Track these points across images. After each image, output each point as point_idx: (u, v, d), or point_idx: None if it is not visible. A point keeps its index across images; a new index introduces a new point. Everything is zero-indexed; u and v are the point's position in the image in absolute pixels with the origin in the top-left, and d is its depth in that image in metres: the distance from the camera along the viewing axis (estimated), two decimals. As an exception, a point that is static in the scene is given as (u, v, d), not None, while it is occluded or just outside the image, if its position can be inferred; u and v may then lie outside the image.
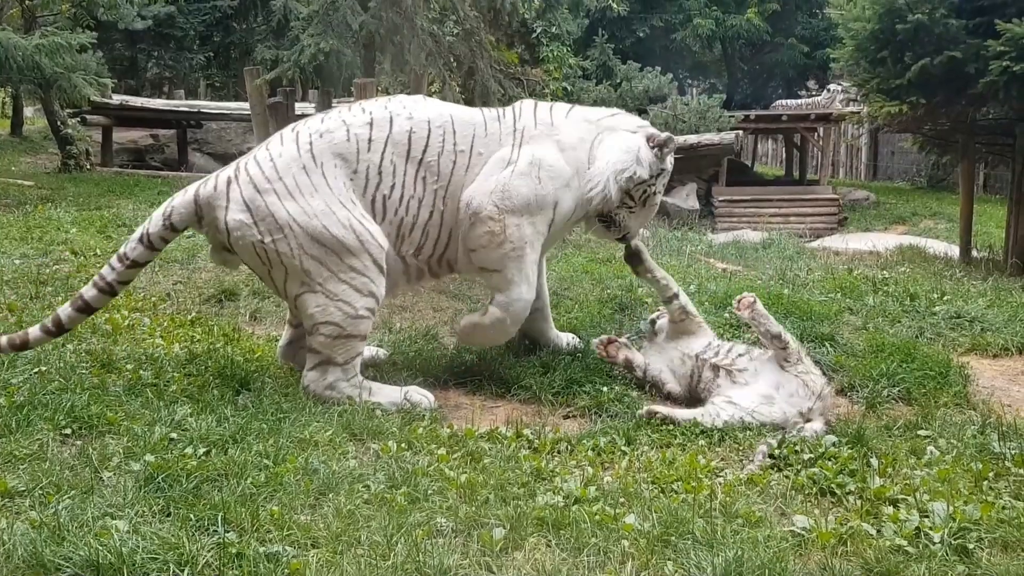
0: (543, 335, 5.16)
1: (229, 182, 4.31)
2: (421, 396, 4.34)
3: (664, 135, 4.75)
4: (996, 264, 9.00)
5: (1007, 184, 10.73)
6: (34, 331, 4.27)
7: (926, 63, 8.33)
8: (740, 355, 4.45)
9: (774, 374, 4.29)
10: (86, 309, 4.32)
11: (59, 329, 4.30)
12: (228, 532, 2.84)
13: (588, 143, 4.65)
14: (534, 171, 4.46)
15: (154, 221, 4.36)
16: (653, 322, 4.98)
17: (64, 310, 4.29)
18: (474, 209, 4.41)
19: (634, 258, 4.84)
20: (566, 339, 5.21)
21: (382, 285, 4.33)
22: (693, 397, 4.52)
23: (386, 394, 4.34)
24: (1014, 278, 8.12)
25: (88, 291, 4.30)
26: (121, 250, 4.35)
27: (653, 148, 4.67)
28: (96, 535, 2.71)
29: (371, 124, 4.40)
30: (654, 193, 4.77)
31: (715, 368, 4.42)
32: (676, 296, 4.75)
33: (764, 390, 4.24)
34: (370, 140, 4.37)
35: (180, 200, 4.38)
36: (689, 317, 4.75)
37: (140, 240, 4.33)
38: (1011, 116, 8.92)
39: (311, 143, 4.33)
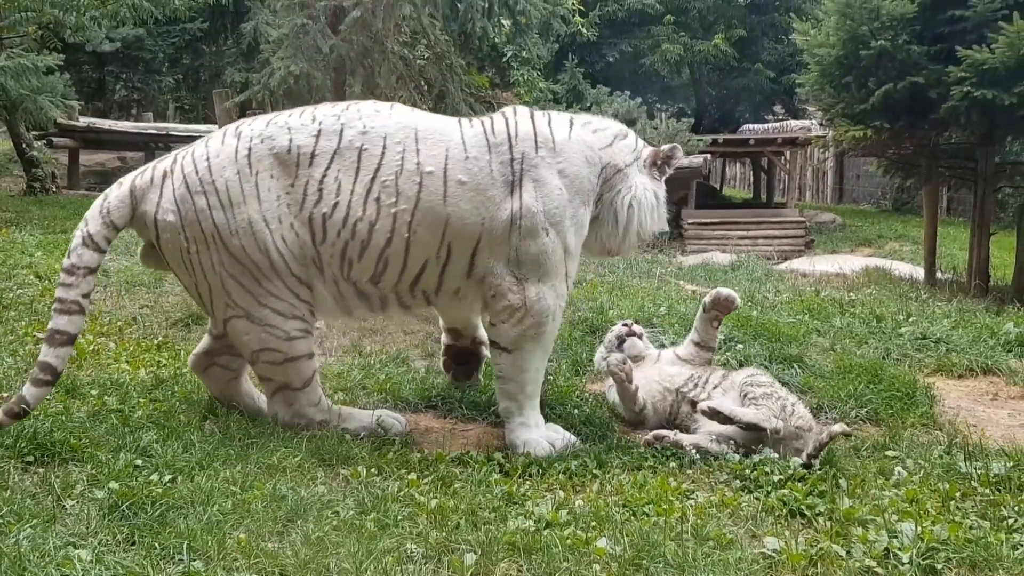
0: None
1: (165, 175, 4.00)
2: (393, 420, 4.24)
3: (666, 150, 4.39)
4: (960, 286, 9.14)
5: (970, 207, 10.93)
6: (27, 388, 3.72)
7: (889, 88, 8.49)
8: (715, 386, 4.45)
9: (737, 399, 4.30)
10: (69, 340, 3.85)
11: (53, 374, 3.80)
12: (194, 560, 2.79)
13: (595, 174, 4.21)
14: (539, 220, 4.03)
15: (92, 221, 3.97)
16: (621, 339, 4.85)
17: (47, 353, 3.78)
18: (493, 284, 4.06)
19: (722, 307, 4.71)
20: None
21: (304, 307, 4.04)
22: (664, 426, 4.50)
23: (357, 419, 4.20)
24: (978, 299, 8.25)
25: (59, 320, 3.82)
26: (68, 262, 3.89)
27: (657, 166, 4.35)
28: (58, 565, 2.66)
29: (318, 135, 3.99)
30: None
31: (693, 403, 4.41)
32: (714, 350, 4.82)
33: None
34: (313, 154, 3.97)
35: (116, 194, 4.03)
36: (707, 364, 4.74)
37: (84, 244, 3.92)
38: (972, 140, 9.11)
39: (250, 148, 3.97)
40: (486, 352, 4.76)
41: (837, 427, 3.94)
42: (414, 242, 4.01)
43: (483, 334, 4.75)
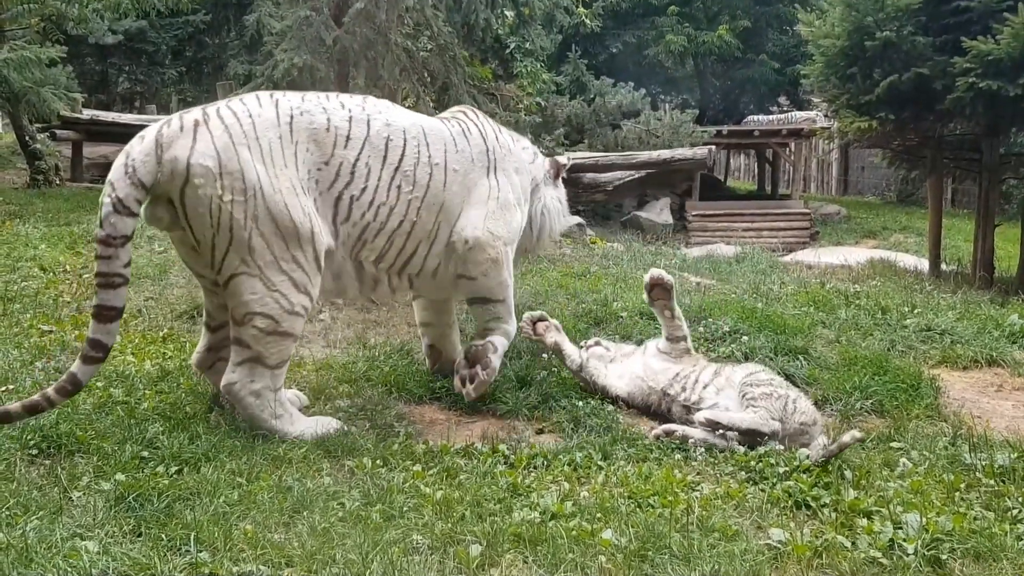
0: (456, 348, 5.06)
1: (197, 124, 3.89)
2: (331, 424, 4.13)
3: (559, 162, 5.28)
4: (965, 277, 9.12)
5: (974, 199, 10.90)
6: (77, 366, 3.71)
7: (894, 79, 8.46)
8: (705, 386, 4.43)
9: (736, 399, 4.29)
10: (117, 314, 3.82)
11: (103, 351, 3.77)
12: (201, 552, 2.80)
13: (528, 180, 4.98)
14: (511, 198, 4.73)
15: (119, 184, 3.78)
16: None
17: (97, 329, 3.74)
18: (472, 236, 4.50)
19: (659, 290, 4.75)
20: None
21: (317, 287, 4.07)
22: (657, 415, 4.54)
23: (299, 423, 4.06)
24: (982, 291, 8.23)
25: (105, 295, 3.77)
26: (102, 233, 3.76)
27: (556, 175, 5.23)
28: (65, 556, 2.67)
29: (351, 120, 4.20)
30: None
31: (686, 408, 4.41)
32: (685, 338, 4.75)
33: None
34: (348, 137, 4.17)
35: (140, 148, 3.84)
36: (687, 355, 4.74)
37: (116, 211, 3.75)
38: (977, 132, 9.08)
39: (291, 116, 4.06)
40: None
41: (847, 436, 3.78)
42: (417, 225, 4.39)
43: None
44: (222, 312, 4.20)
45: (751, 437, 4.02)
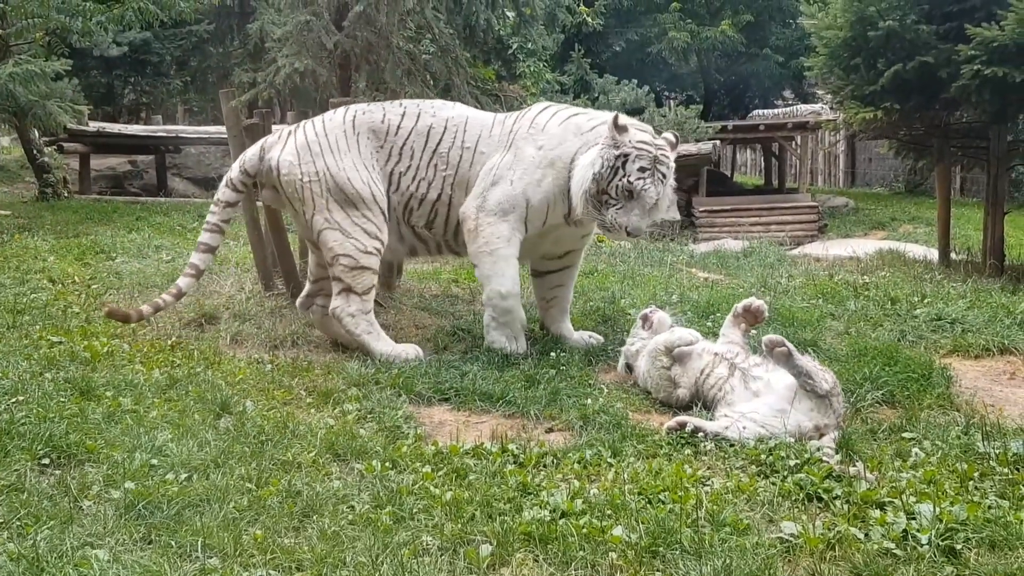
0: (554, 324, 5.74)
1: (289, 134, 5.45)
2: (415, 351, 5.28)
3: (609, 116, 5.08)
4: (975, 266, 9.06)
5: (983, 187, 10.83)
6: (182, 280, 5.47)
7: (899, 69, 8.41)
8: (756, 364, 4.41)
9: (790, 389, 4.12)
10: (210, 249, 5.52)
11: (197, 271, 5.48)
12: (211, 558, 2.80)
13: (572, 148, 5.21)
14: (508, 174, 5.25)
15: (234, 169, 5.52)
16: (629, 367, 5.00)
17: (195, 257, 5.46)
18: (461, 210, 5.37)
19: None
20: (580, 336, 5.65)
21: (386, 232, 5.35)
22: (697, 395, 4.52)
23: (384, 342, 5.29)
24: (993, 279, 8.18)
25: (204, 236, 5.48)
26: (216, 197, 5.55)
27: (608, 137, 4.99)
28: (76, 565, 2.67)
29: (403, 115, 5.46)
30: (632, 181, 4.91)
31: (731, 366, 4.39)
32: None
33: (778, 404, 4.11)
34: (399, 127, 5.42)
35: (251, 151, 5.55)
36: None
37: (227, 185, 5.51)
38: (984, 119, 9.00)
39: (354, 118, 5.45)
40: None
41: (854, 471, 3.62)
42: (453, 199, 5.41)
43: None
44: (320, 270, 5.59)
45: (806, 379, 4.00)
